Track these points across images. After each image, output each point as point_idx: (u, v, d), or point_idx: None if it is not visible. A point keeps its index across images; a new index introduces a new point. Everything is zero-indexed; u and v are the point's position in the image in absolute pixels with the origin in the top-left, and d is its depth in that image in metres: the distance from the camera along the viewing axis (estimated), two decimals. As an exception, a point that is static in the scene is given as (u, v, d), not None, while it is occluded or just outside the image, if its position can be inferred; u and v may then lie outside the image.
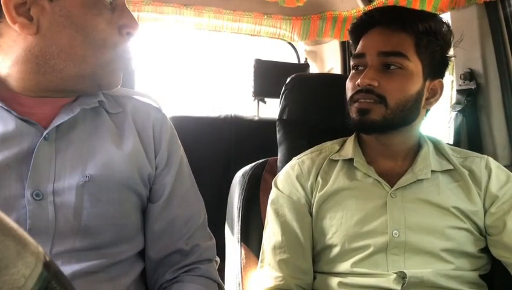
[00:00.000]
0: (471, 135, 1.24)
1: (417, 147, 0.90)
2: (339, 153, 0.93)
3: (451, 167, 0.88)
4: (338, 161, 0.92)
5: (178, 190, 0.74)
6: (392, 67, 0.83)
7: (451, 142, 1.27)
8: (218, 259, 0.79)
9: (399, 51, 0.83)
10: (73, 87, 0.64)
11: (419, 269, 0.79)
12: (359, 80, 0.83)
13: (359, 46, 0.89)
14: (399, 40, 0.84)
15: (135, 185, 0.69)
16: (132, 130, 0.71)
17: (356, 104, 0.85)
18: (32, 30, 0.57)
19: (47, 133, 0.61)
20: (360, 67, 0.87)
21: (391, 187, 0.85)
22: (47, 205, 0.60)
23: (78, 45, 0.60)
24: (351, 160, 0.90)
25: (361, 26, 0.90)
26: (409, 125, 0.86)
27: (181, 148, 0.78)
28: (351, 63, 0.90)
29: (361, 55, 0.87)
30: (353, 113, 0.85)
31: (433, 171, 0.86)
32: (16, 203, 0.59)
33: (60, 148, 0.63)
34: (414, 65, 0.83)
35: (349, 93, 0.87)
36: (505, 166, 0.91)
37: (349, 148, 0.92)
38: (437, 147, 0.92)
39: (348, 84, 0.88)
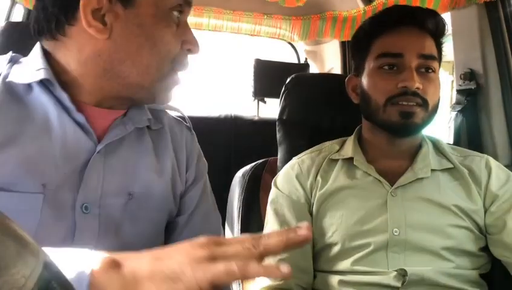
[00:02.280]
0: (471, 135, 1.24)
1: (418, 146, 0.91)
2: (339, 152, 0.93)
3: (451, 166, 0.88)
4: (337, 160, 0.92)
5: (201, 206, 0.75)
6: (429, 70, 0.84)
7: (451, 142, 1.27)
8: None
9: (434, 55, 0.84)
10: (131, 96, 0.65)
11: (419, 267, 0.79)
12: (406, 83, 0.80)
13: (389, 44, 0.85)
14: (431, 43, 0.85)
15: (169, 204, 0.70)
16: (169, 148, 0.72)
17: (397, 107, 0.82)
18: (106, 35, 0.58)
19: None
20: (395, 67, 0.84)
21: (391, 186, 0.85)
22: (93, 219, 0.60)
23: (145, 53, 0.61)
24: (351, 159, 0.90)
25: (381, 24, 0.88)
26: None
27: (207, 167, 0.80)
28: (379, 61, 0.86)
29: (398, 55, 0.83)
30: (394, 116, 0.83)
31: (433, 170, 0.86)
32: (65, 213, 0.59)
33: (109, 163, 0.63)
34: (438, 69, 0.86)
35: (385, 94, 0.84)
36: (505, 166, 0.92)
37: (349, 147, 0.92)
38: (436, 146, 0.92)
39: (382, 84, 0.84)
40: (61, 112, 0.60)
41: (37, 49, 0.64)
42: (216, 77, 4.26)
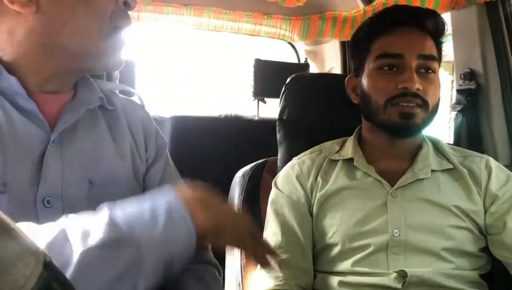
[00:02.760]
0: (471, 135, 1.24)
1: (418, 147, 0.91)
2: (339, 153, 0.93)
3: (451, 166, 0.88)
4: (338, 160, 0.91)
5: (166, 181, 0.73)
6: (429, 71, 0.84)
7: (451, 142, 1.27)
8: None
9: (434, 55, 0.84)
10: (80, 67, 0.63)
11: (419, 268, 0.79)
12: (406, 84, 0.80)
13: (389, 45, 0.85)
14: (431, 44, 0.85)
15: (133, 187, 0.68)
16: (125, 131, 0.70)
17: (397, 108, 0.82)
18: (32, 9, 0.54)
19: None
20: (394, 68, 0.84)
21: (392, 187, 0.85)
22: (56, 213, 0.57)
23: (81, 16, 0.57)
24: (351, 160, 0.90)
25: (381, 24, 0.87)
26: None
27: (166, 143, 0.78)
28: (379, 62, 0.85)
29: (398, 56, 0.83)
30: (395, 117, 0.82)
31: (433, 171, 0.86)
32: (29, 209, 0.57)
33: (66, 152, 0.61)
34: (438, 69, 0.85)
35: (385, 95, 0.83)
36: (505, 166, 0.92)
37: (349, 148, 0.92)
38: (436, 146, 0.92)
39: (382, 85, 0.84)
40: (6, 104, 0.57)
41: None
42: (216, 77, 4.26)
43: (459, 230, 0.82)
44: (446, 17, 1.29)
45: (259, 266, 0.89)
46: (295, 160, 0.96)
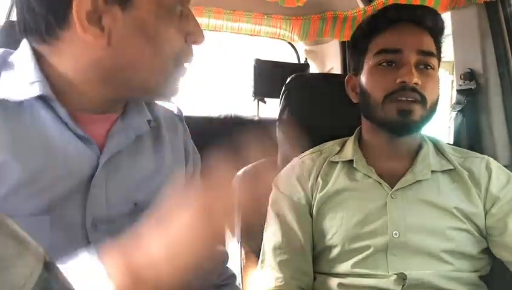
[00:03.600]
0: (471, 135, 1.24)
1: (418, 147, 0.90)
2: (339, 154, 0.93)
3: (451, 167, 0.87)
4: (338, 162, 0.91)
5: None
6: (428, 67, 0.83)
7: (451, 142, 1.27)
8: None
9: (433, 52, 0.84)
10: (137, 98, 0.62)
11: (419, 269, 0.78)
12: (404, 78, 0.79)
13: (388, 41, 0.84)
14: (430, 40, 0.85)
15: None
16: (167, 146, 0.68)
17: (396, 104, 0.81)
18: (104, 41, 0.52)
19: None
20: (393, 64, 0.83)
21: (392, 188, 0.85)
22: (103, 236, 0.55)
23: (148, 56, 0.56)
24: (351, 161, 0.90)
25: (380, 22, 0.87)
26: None
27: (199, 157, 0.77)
28: (378, 58, 0.85)
29: (397, 51, 0.82)
30: (392, 114, 0.82)
31: (433, 171, 0.86)
32: (73, 232, 0.55)
33: (110, 173, 0.58)
34: (437, 66, 0.85)
35: (384, 91, 0.82)
36: (505, 166, 0.92)
37: (349, 149, 0.92)
38: (436, 146, 0.92)
39: (381, 81, 0.83)
40: (61, 125, 0.55)
41: (27, 51, 0.56)
42: (216, 76, 4.26)
43: (459, 232, 0.81)
44: (447, 16, 1.29)
45: (259, 266, 0.89)
46: (295, 160, 0.96)
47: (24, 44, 0.57)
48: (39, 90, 0.53)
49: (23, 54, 0.57)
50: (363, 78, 0.89)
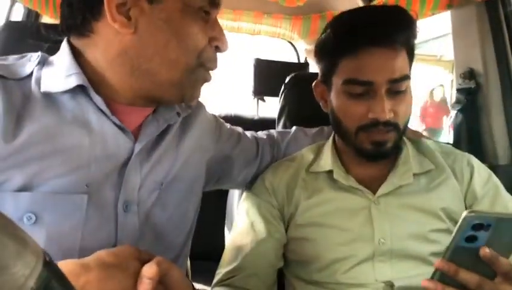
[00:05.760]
0: (471, 134, 1.24)
1: (398, 150, 0.87)
2: (317, 163, 0.89)
3: (432, 167, 0.85)
4: (316, 172, 0.88)
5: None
6: (400, 92, 0.78)
7: (451, 141, 1.28)
8: None
9: (406, 74, 0.78)
10: (161, 95, 0.64)
11: (407, 275, 0.77)
12: (376, 115, 0.76)
13: (357, 70, 0.78)
14: (403, 60, 0.78)
15: (198, 187, 0.77)
16: (196, 133, 0.76)
17: (369, 134, 0.79)
18: (131, 30, 0.58)
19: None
20: (364, 94, 0.78)
21: (374, 194, 0.82)
22: (133, 217, 0.63)
23: (173, 48, 0.60)
24: (330, 171, 0.86)
25: (349, 44, 0.78)
26: None
27: (235, 129, 0.93)
28: (347, 87, 0.79)
29: (367, 83, 0.77)
30: (366, 144, 0.80)
31: (415, 174, 0.83)
32: (108, 212, 0.61)
33: (144, 160, 0.65)
34: (409, 82, 0.80)
35: (356, 122, 0.79)
36: (505, 166, 0.91)
37: (327, 158, 0.88)
38: (417, 146, 0.89)
39: (352, 112, 0.80)
40: (99, 113, 0.61)
41: (65, 48, 0.63)
42: (216, 76, 4.26)
43: (444, 234, 0.79)
44: (447, 16, 1.30)
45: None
46: (269, 170, 0.92)
47: (64, 44, 0.64)
48: (76, 80, 0.59)
49: (62, 52, 0.63)
50: (333, 99, 0.84)
